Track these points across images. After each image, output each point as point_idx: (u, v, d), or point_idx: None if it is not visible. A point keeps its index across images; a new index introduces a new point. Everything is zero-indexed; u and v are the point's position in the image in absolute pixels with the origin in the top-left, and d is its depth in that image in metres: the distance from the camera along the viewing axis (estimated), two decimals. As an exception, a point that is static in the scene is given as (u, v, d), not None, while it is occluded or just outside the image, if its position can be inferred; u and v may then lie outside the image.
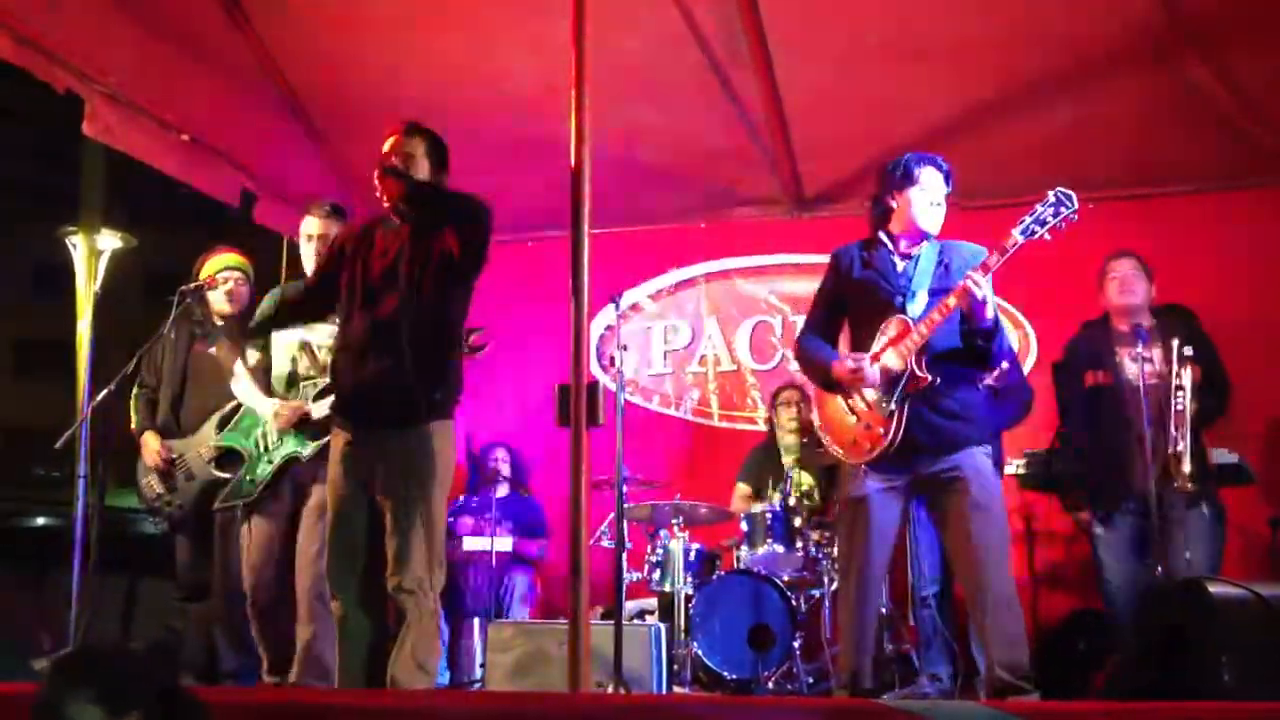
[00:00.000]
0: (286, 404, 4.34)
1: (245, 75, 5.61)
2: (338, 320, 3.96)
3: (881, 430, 3.72)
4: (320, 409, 4.21)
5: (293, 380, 4.43)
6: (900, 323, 3.76)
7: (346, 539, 3.70)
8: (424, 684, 3.55)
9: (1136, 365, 4.43)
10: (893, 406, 3.71)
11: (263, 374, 4.51)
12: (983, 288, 3.60)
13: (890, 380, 3.72)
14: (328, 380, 4.12)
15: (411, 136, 3.79)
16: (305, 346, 4.39)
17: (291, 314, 4.25)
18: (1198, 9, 4.91)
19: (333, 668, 3.82)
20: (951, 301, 3.66)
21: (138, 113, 5.27)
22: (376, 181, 3.68)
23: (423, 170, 3.76)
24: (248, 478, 4.43)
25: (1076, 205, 3.64)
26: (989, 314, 3.64)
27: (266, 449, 4.43)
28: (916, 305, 3.76)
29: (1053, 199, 3.66)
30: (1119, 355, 4.61)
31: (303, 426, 4.31)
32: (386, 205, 3.75)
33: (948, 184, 3.89)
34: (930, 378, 3.68)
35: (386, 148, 3.76)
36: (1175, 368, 4.31)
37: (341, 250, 3.89)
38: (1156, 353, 4.50)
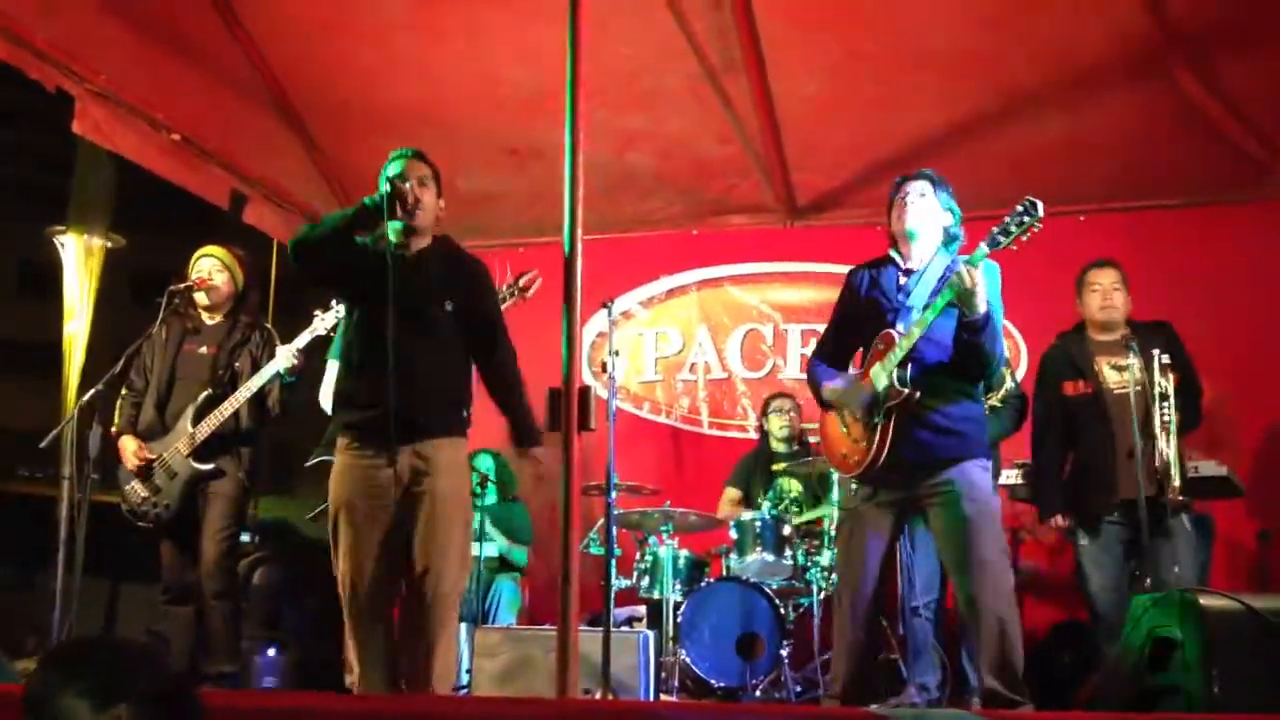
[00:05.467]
0: None
1: (236, 76, 5.59)
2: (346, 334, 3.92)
3: (866, 445, 3.71)
4: None
5: None
6: (887, 337, 3.74)
7: (368, 555, 3.72)
8: None
9: (1117, 374, 4.44)
10: (877, 421, 3.70)
11: None
12: (969, 280, 3.51)
13: (875, 396, 3.72)
14: None
15: (423, 162, 3.85)
16: None
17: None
18: (1189, 23, 4.94)
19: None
20: (929, 314, 3.64)
21: (128, 112, 5.25)
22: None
23: (431, 196, 3.83)
24: None
25: (1041, 213, 3.52)
26: (980, 307, 3.57)
27: None
28: (909, 320, 3.73)
29: (1020, 208, 3.58)
30: (1098, 364, 4.62)
31: None
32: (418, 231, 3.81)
33: (937, 187, 3.85)
34: (912, 392, 3.64)
35: (399, 170, 3.77)
36: (1157, 377, 4.32)
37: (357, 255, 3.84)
38: (1135, 362, 4.51)
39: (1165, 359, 4.33)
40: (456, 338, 3.84)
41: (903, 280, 3.85)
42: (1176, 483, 4.22)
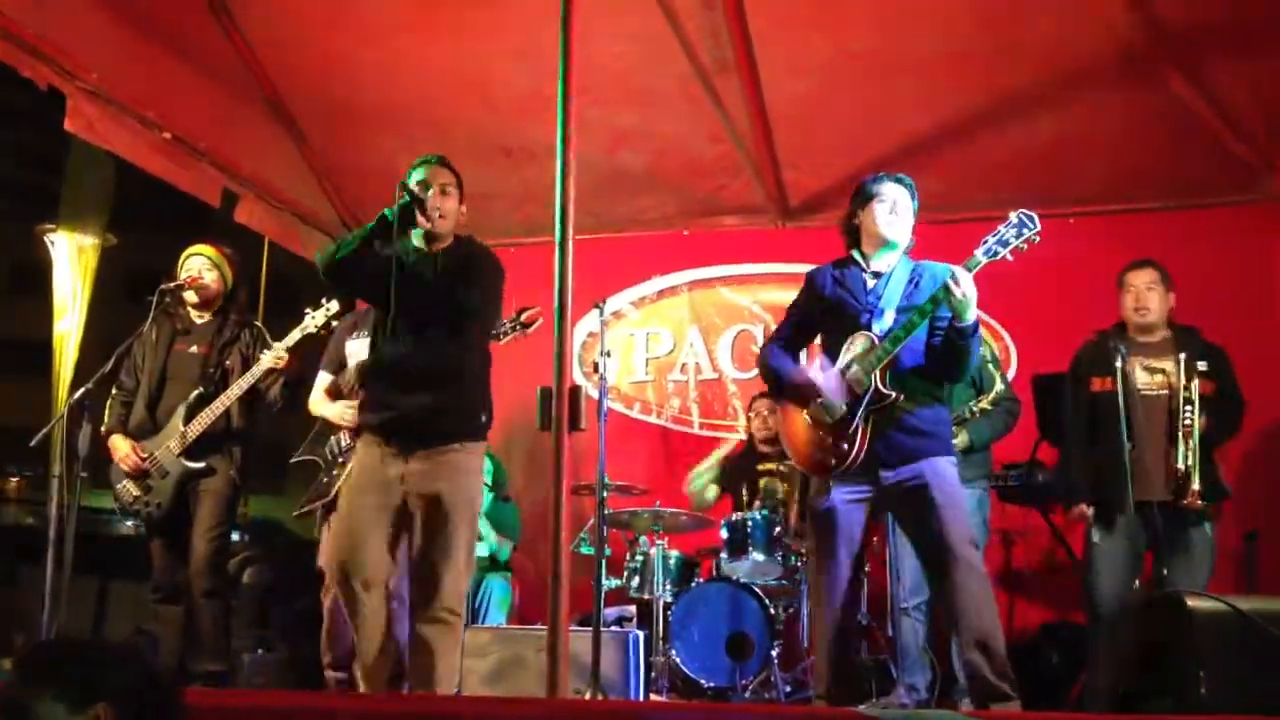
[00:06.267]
0: (350, 408, 4.39)
1: (229, 75, 5.59)
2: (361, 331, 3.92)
3: (845, 446, 3.70)
4: None
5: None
6: (865, 339, 3.76)
7: (365, 534, 3.70)
8: None
9: (1148, 375, 4.43)
10: (857, 422, 3.69)
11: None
12: (962, 285, 3.57)
13: (854, 396, 3.72)
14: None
15: (446, 168, 3.87)
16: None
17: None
18: (1179, 25, 4.96)
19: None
20: (917, 317, 3.66)
21: (120, 110, 5.23)
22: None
23: (453, 203, 3.85)
24: (324, 479, 4.56)
25: (1039, 226, 3.63)
26: (973, 313, 3.62)
27: (339, 454, 4.54)
28: (883, 322, 3.75)
29: (1015, 220, 3.65)
30: (1130, 364, 4.57)
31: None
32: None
33: (913, 197, 3.91)
34: (895, 394, 3.67)
35: (423, 176, 3.78)
36: (1184, 380, 4.31)
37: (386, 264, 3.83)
38: (1169, 364, 4.49)
39: (1201, 365, 4.32)
40: (474, 342, 3.83)
41: (870, 282, 3.87)
42: (1196, 486, 4.22)
